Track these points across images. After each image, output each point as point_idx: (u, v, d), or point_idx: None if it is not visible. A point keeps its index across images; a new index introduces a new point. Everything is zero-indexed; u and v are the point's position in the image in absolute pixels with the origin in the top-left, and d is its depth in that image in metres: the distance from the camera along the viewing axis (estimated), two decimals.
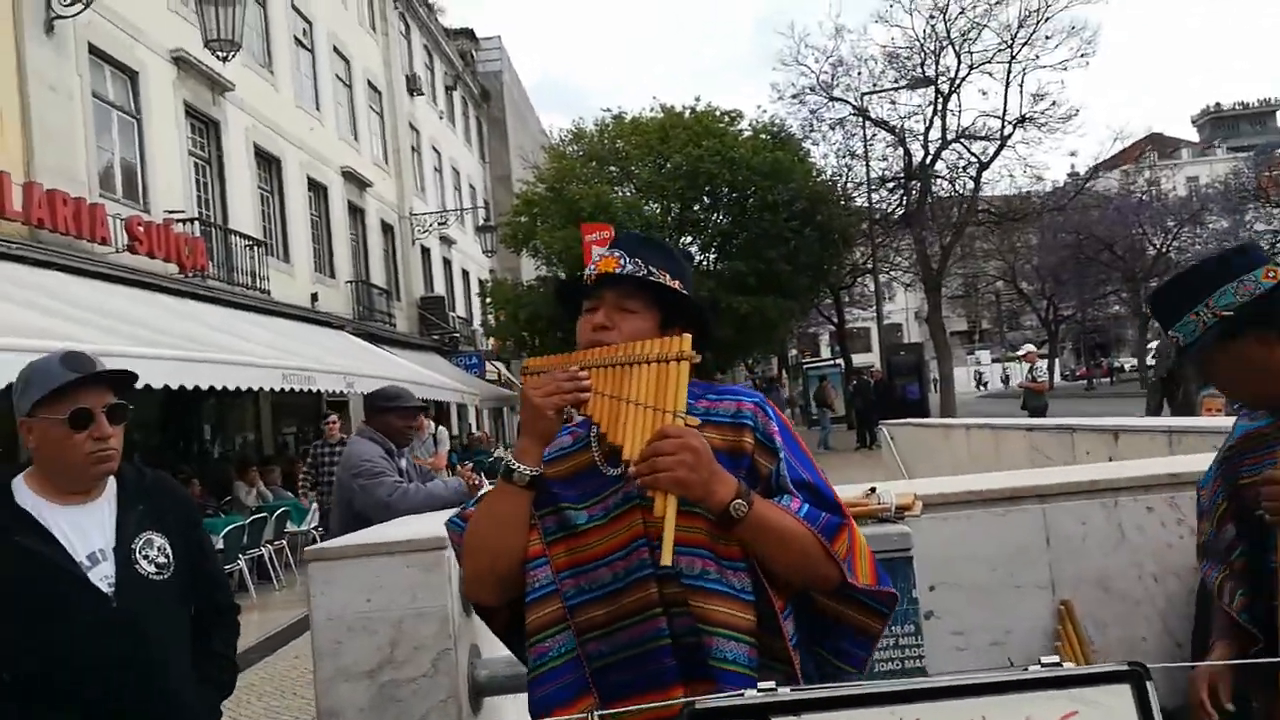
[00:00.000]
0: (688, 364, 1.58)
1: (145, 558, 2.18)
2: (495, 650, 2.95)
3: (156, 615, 2.15)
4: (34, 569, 2.05)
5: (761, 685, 1.11)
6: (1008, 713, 1.08)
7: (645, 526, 1.58)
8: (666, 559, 1.45)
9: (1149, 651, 2.70)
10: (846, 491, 2.56)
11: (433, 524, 3.16)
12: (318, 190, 19.61)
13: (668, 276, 1.71)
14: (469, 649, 2.76)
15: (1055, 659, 1.10)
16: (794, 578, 1.60)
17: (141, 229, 12.07)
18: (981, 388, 52.93)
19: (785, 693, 1.11)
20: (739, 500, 1.52)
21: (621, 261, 1.69)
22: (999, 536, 2.86)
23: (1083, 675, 1.09)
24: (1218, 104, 74.46)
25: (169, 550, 2.23)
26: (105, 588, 2.09)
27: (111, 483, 2.24)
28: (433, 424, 7.57)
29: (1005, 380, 59.10)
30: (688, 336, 1.60)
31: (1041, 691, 1.09)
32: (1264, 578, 1.84)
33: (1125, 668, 1.10)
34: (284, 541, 11.35)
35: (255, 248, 15.75)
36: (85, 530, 2.14)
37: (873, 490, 2.54)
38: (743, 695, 1.10)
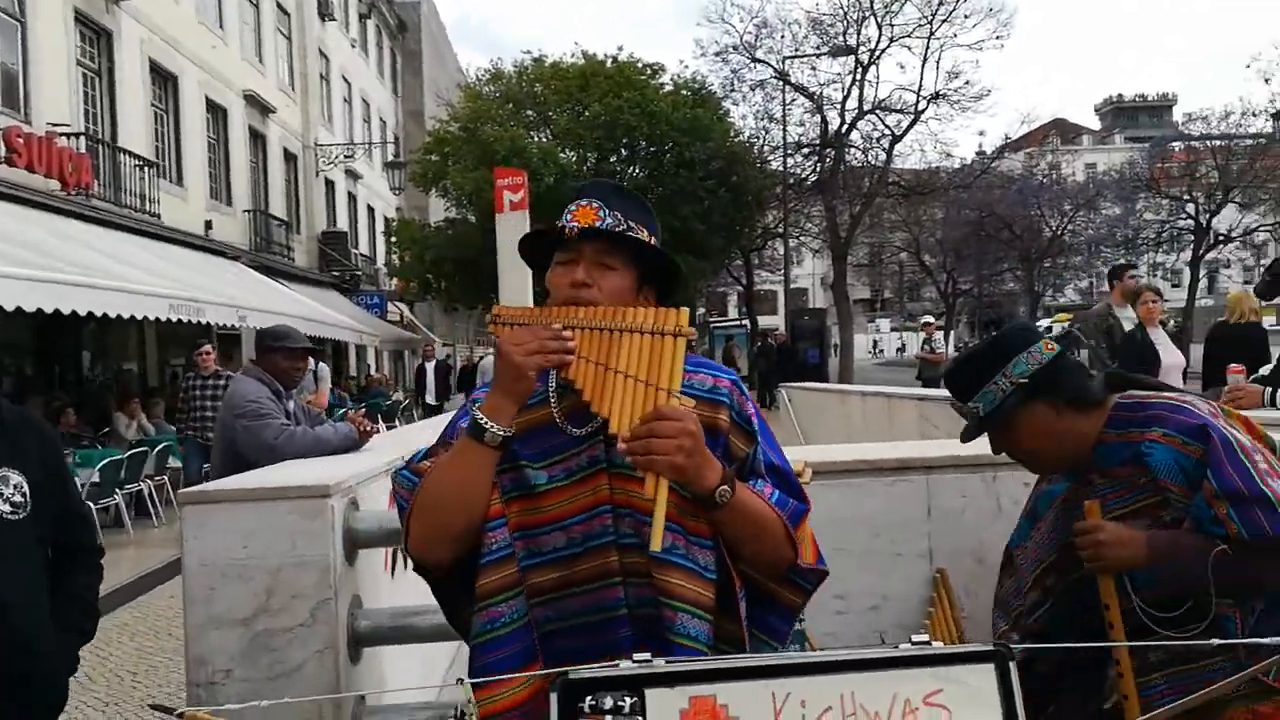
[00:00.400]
0: (684, 340, 1.51)
1: (0, 496, 2.07)
2: (377, 601, 2.91)
3: (9, 554, 2.06)
4: None
5: (637, 656, 1.10)
6: (877, 689, 1.10)
7: (612, 493, 1.54)
8: (657, 544, 1.39)
9: None
10: None
11: (318, 470, 3.07)
12: (216, 112, 18.74)
13: (645, 232, 1.65)
14: (350, 599, 2.70)
15: (925, 638, 1.11)
16: (755, 560, 1.59)
17: (21, 141, 11.40)
18: (878, 354, 54.11)
19: (660, 664, 1.10)
20: (724, 486, 1.49)
21: (601, 214, 1.60)
22: (884, 505, 2.93)
23: (949, 654, 1.11)
24: (1120, 95, 77.22)
25: (25, 488, 2.13)
26: None
27: None
28: (312, 360, 7.26)
29: (901, 349, 60.83)
30: (684, 310, 1.55)
31: (910, 669, 1.11)
32: (1058, 638, 1.97)
33: (990, 648, 1.12)
34: (165, 477, 10.95)
35: (146, 169, 15.01)
36: None
37: None
38: (617, 666, 1.09)
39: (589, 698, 1.05)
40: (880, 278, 61.74)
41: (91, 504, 6.91)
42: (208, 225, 17.59)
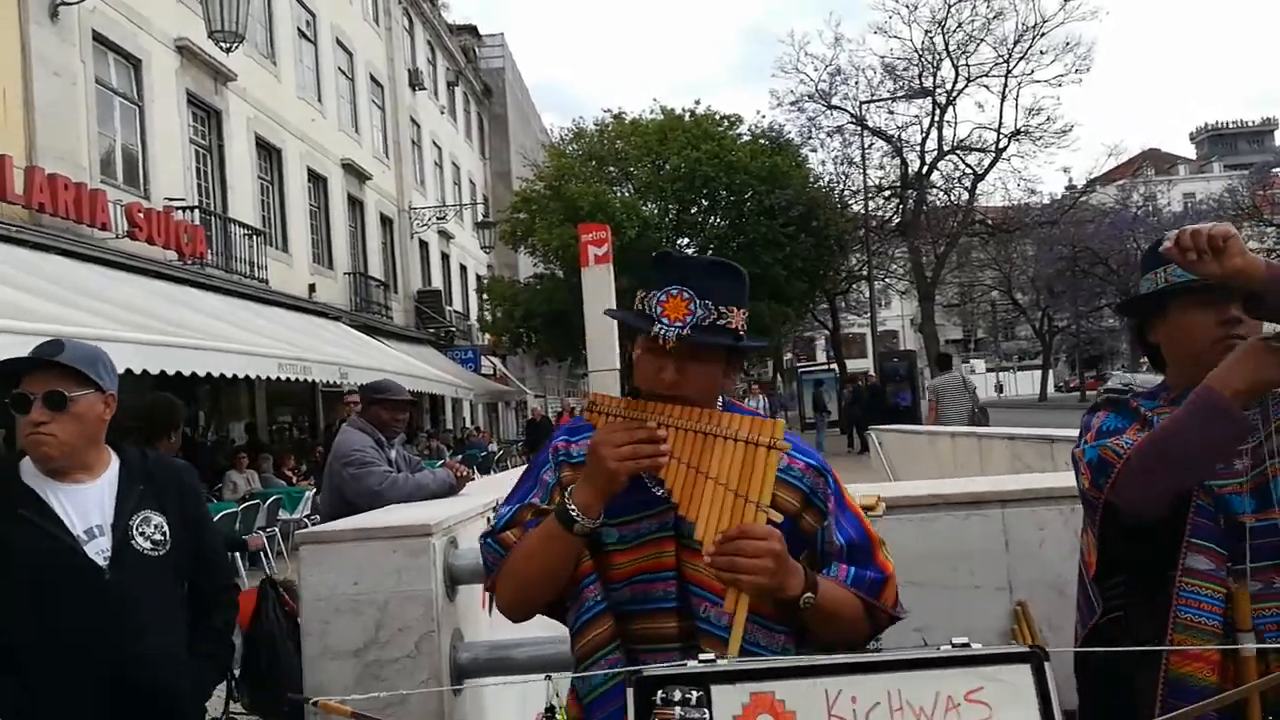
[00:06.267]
0: (777, 454, 1.54)
1: (141, 534, 2.27)
2: (477, 636, 3.09)
3: (148, 588, 2.25)
4: (34, 541, 2.16)
5: (702, 656, 1.23)
6: (920, 686, 1.21)
7: (679, 563, 1.58)
8: (734, 651, 1.42)
9: None
10: None
11: (420, 511, 3.28)
12: (317, 181, 19.73)
13: (737, 313, 1.61)
14: (452, 632, 2.88)
15: (964, 639, 1.22)
16: (834, 640, 1.62)
17: (141, 215, 12.19)
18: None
19: (724, 664, 1.23)
20: (808, 594, 1.52)
21: (693, 307, 1.56)
22: (960, 538, 2.98)
23: (988, 655, 1.22)
24: (1217, 121, 74.87)
25: (166, 528, 2.32)
26: (101, 561, 2.19)
27: (115, 463, 2.34)
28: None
29: (1000, 389, 59.33)
30: (780, 423, 1.57)
31: (951, 669, 1.22)
32: None
33: (1027, 650, 1.22)
34: (276, 529, 11.45)
35: (254, 237, 15.87)
36: (84, 507, 2.24)
37: None
38: (685, 665, 1.23)
39: (660, 692, 1.19)
40: (972, 317, 60.53)
41: None
42: (311, 288, 18.45)
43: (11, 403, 2.19)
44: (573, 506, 1.55)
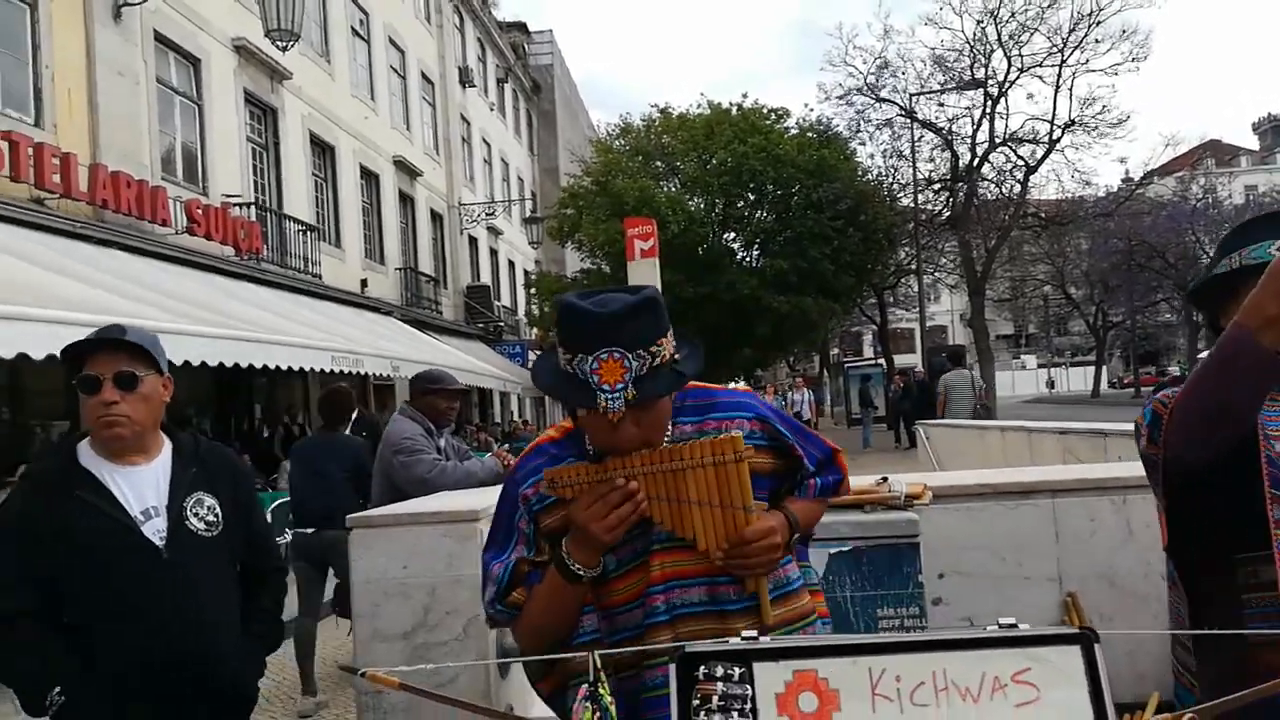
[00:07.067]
0: (745, 464, 1.56)
1: (196, 515, 2.32)
2: None
3: (204, 568, 2.30)
4: (92, 520, 2.21)
5: (744, 633, 1.24)
6: (967, 667, 1.20)
7: (663, 569, 1.62)
8: (769, 619, 1.58)
9: (1151, 643, 2.78)
10: (859, 481, 2.67)
11: (468, 498, 3.33)
12: (369, 178, 19.97)
13: (665, 340, 1.58)
14: None
15: (1012, 620, 1.21)
16: None
17: (200, 212, 12.45)
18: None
19: (766, 641, 1.24)
20: (795, 536, 1.70)
21: (627, 364, 1.51)
22: (1009, 528, 2.95)
23: (1036, 636, 1.21)
24: None
25: (218, 510, 2.37)
26: (157, 540, 2.24)
27: (168, 447, 2.39)
28: None
29: (1051, 385, 58.30)
30: (738, 435, 1.58)
31: (999, 649, 1.21)
32: None
33: (1076, 631, 1.21)
34: None
35: (308, 233, 16.11)
36: (140, 489, 2.29)
37: (884, 480, 2.65)
38: (728, 642, 1.23)
39: (703, 667, 1.20)
40: (1024, 312, 59.47)
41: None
42: (363, 283, 18.70)
43: (79, 384, 2.24)
44: (577, 566, 1.60)
